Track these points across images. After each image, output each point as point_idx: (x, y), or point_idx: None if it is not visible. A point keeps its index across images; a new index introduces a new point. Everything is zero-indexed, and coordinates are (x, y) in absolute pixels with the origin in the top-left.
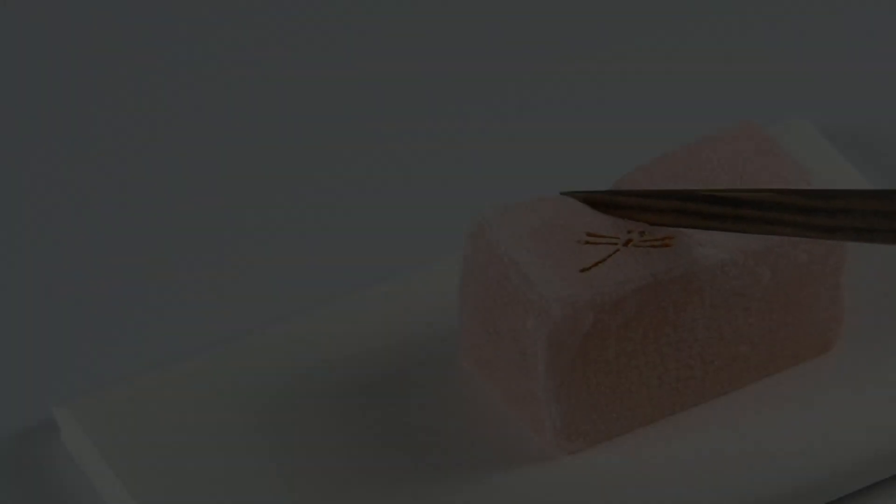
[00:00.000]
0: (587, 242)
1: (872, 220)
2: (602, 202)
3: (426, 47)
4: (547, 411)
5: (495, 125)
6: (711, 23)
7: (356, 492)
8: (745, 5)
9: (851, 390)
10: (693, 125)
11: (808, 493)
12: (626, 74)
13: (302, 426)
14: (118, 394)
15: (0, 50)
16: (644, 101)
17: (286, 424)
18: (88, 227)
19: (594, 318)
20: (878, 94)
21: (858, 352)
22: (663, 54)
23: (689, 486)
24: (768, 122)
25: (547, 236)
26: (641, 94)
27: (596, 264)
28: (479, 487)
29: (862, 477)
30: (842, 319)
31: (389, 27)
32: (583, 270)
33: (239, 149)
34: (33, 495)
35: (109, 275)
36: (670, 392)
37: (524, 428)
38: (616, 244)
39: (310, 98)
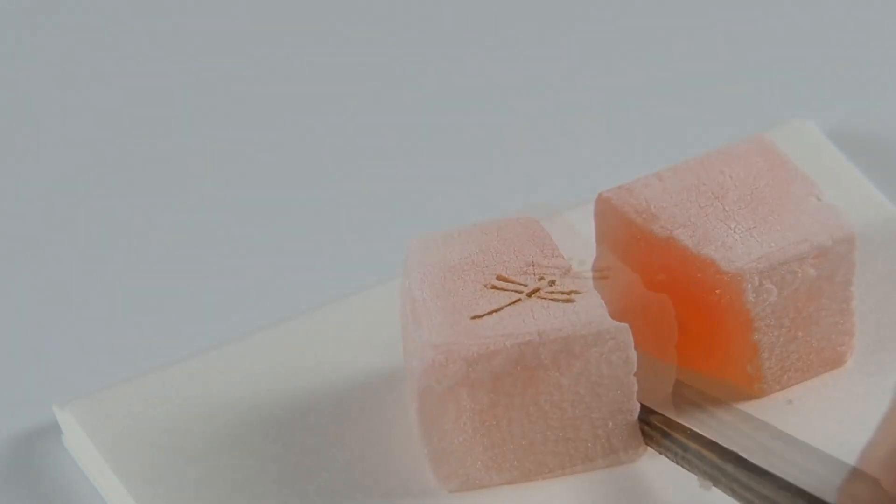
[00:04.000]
0: (493, 287)
1: None
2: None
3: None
4: (424, 450)
5: (487, 132)
6: (715, 24)
7: (356, 492)
8: (749, 6)
9: (864, 405)
10: (697, 127)
11: None
12: (627, 76)
13: (301, 426)
14: (118, 394)
15: None
16: (647, 103)
17: (286, 425)
18: (88, 226)
19: (466, 367)
20: (883, 96)
21: (872, 366)
22: (667, 56)
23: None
24: (773, 124)
25: (458, 274)
26: (644, 96)
27: (490, 312)
28: None
29: None
30: (853, 334)
31: (383, 28)
32: (473, 318)
33: (237, 150)
34: (34, 496)
35: (109, 275)
36: (557, 450)
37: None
38: (521, 293)
39: (310, 98)
